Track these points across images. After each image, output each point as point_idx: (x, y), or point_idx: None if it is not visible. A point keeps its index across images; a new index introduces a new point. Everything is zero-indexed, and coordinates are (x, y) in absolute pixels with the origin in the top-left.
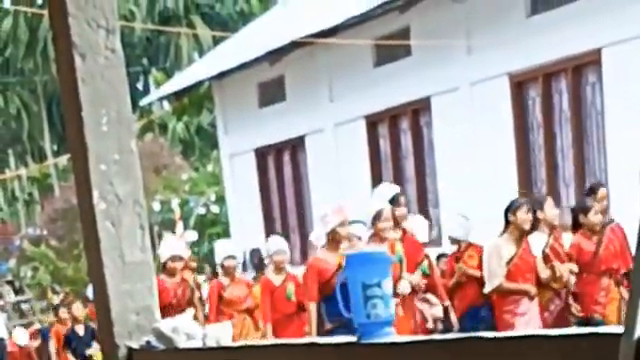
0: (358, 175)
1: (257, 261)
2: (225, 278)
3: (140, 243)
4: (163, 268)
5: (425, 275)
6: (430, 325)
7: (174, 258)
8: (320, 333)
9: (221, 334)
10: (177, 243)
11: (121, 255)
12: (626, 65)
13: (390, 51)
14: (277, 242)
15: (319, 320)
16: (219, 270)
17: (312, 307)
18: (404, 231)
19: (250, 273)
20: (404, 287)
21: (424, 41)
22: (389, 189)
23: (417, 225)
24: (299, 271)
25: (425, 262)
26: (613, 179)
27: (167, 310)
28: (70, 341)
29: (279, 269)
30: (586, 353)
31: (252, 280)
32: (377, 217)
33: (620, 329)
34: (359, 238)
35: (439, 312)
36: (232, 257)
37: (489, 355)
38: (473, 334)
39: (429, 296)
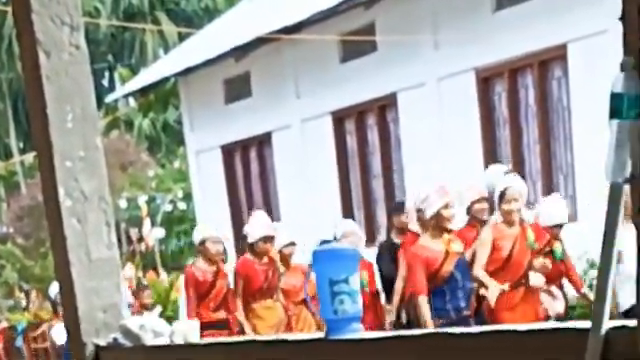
0: (325, 171)
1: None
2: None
3: (106, 240)
4: (250, 249)
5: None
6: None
7: (266, 239)
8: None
9: (189, 331)
10: (269, 221)
11: (87, 252)
12: (592, 60)
13: (356, 47)
14: (348, 223)
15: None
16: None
17: (423, 301)
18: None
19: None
20: (535, 279)
21: (390, 37)
22: (502, 168)
23: (551, 206)
24: None
25: (559, 247)
26: (580, 174)
27: (258, 296)
28: None
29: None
30: (554, 348)
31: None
32: (502, 197)
33: (587, 324)
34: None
35: (561, 307)
36: (293, 244)
37: (457, 350)
38: (440, 330)
39: (552, 288)
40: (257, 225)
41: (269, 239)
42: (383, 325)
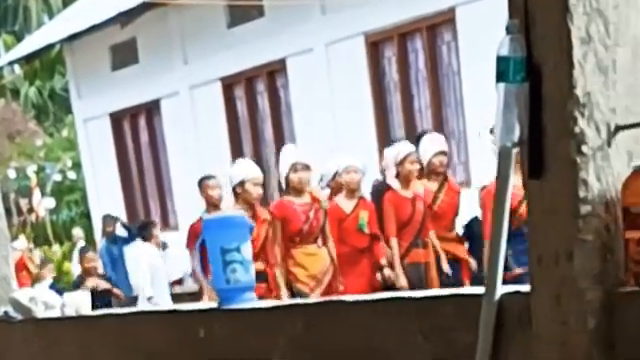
0: (216, 138)
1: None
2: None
3: None
4: (286, 187)
5: None
6: None
7: (297, 167)
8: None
9: (80, 303)
10: (300, 151)
11: None
12: (480, 24)
13: (243, 12)
14: (348, 159)
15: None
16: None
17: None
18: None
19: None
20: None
21: (277, 1)
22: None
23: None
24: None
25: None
26: (472, 140)
27: (298, 241)
28: None
29: (351, 192)
30: (449, 314)
31: None
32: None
33: (481, 290)
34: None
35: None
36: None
37: (349, 317)
38: (332, 298)
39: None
40: (289, 156)
41: (304, 167)
42: (382, 269)
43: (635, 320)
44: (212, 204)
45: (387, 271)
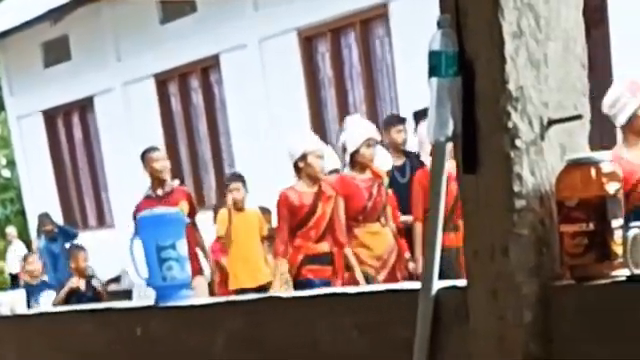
0: (151, 134)
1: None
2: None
3: None
4: (351, 161)
5: None
6: None
7: (369, 142)
8: None
9: (15, 302)
10: (368, 123)
11: None
12: (413, 18)
13: (175, 7)
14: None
15: None
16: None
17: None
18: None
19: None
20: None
21: None
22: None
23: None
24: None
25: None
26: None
27: (361, 219)
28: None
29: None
30: (386, 309)
31: None
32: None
33: (418, 285)
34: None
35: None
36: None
37: (288, 314)
38: (270, 294)
39: None
40: (360, 129)
41: (375, 143)
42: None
43: (571, 313)
44: (157, 178)
45: (412, 265)
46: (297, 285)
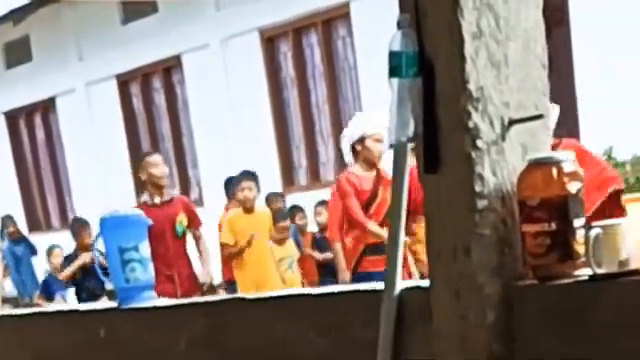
0: (113, 135)
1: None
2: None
3: None
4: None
5: None
6: None
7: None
8: None
9: None
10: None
11: None
12: (375, 18)
13: (137, 8)
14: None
15: None
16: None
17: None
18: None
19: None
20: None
21: None
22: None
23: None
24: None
25: None
26: None
27: (420, 212)
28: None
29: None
30: (350, 310)
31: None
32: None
33: (381, 285)
34: None
35: None
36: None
37: (251, 315)
38: (233, 295)
39: None
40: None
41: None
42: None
43: (534, 313)
44: (155, 184)
45: (413, 268)
46: (356, 279)
